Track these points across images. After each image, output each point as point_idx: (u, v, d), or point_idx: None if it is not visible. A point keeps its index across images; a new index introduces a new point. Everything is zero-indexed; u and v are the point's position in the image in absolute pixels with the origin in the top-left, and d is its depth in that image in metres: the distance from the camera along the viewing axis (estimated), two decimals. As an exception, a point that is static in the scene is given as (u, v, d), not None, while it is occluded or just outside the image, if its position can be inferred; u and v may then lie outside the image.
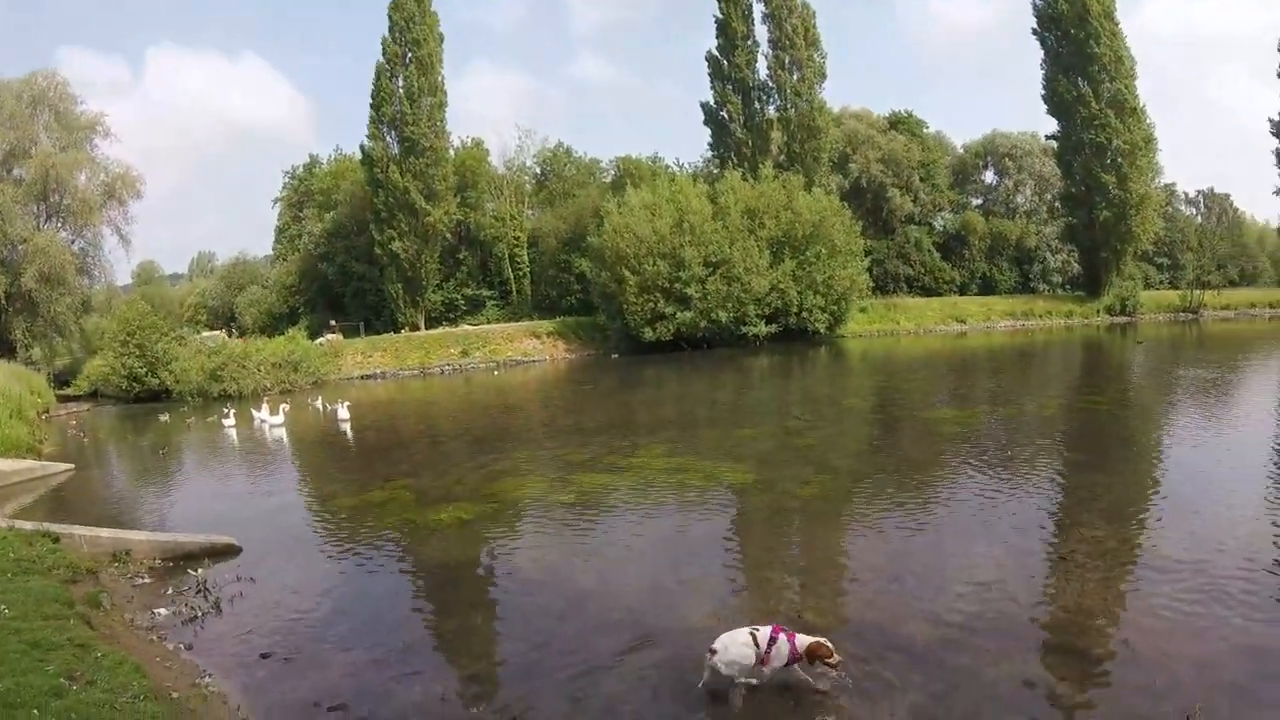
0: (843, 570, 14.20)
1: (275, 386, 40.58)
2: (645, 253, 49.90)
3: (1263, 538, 15.64)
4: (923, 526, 16.23)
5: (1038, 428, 27.04)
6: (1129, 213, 65.97)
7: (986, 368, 44.38)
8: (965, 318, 62.72)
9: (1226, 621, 12.05)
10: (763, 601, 12.39)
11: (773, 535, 16.06)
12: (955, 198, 77.12)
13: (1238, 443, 24.99)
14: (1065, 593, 13.38)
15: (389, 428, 28.02)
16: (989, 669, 10.33)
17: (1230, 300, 77.03)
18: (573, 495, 17.73)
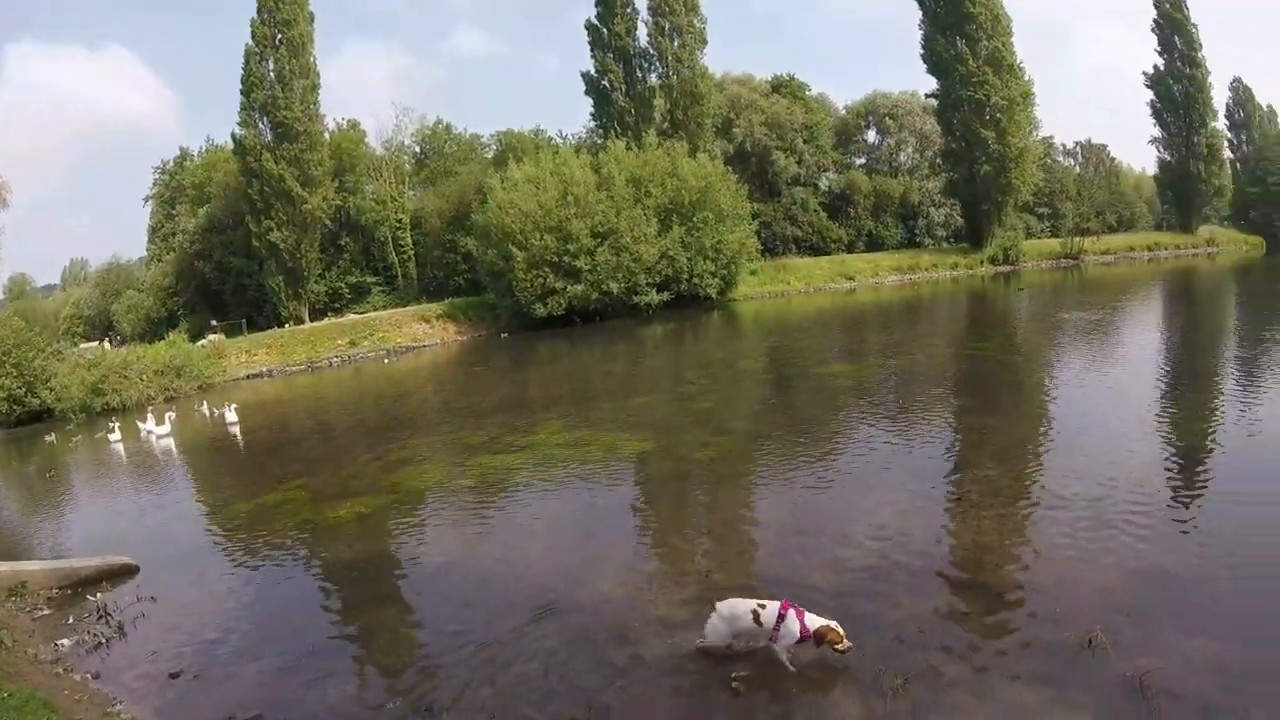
0: (746, 528, 14.61)
1: (160, 395, 39.01)
2: (531, 227, 49.48)
3: (1150, 467, 16.79)
4: (822, 479, 16.76)
5: (928, 377, 28.02)
6: (1009, 166, 68.61)
7: (876, 322, 45.60)
8: (854, 275, 63.91)
9: (1120, 548, 12.95)
10: (670, 566, 12.71)
11: (675, 500, 16.41)
12: (839, 158, 78.54)
13: (1121, 380, 26.45)
14: (963, 532, 14.12)
15: (279, 426, 27.65)
16: (893, 611, 10.84)
17: (1109, 245, 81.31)
18: (473, 479, 17.80)
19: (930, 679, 9.48)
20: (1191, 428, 20.46)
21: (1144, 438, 19.44)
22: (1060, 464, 17.61)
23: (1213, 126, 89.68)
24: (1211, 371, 28.29)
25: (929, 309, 51.75)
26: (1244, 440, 19.16)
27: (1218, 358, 31.62)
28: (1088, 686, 9.32)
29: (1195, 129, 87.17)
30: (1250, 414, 21.34)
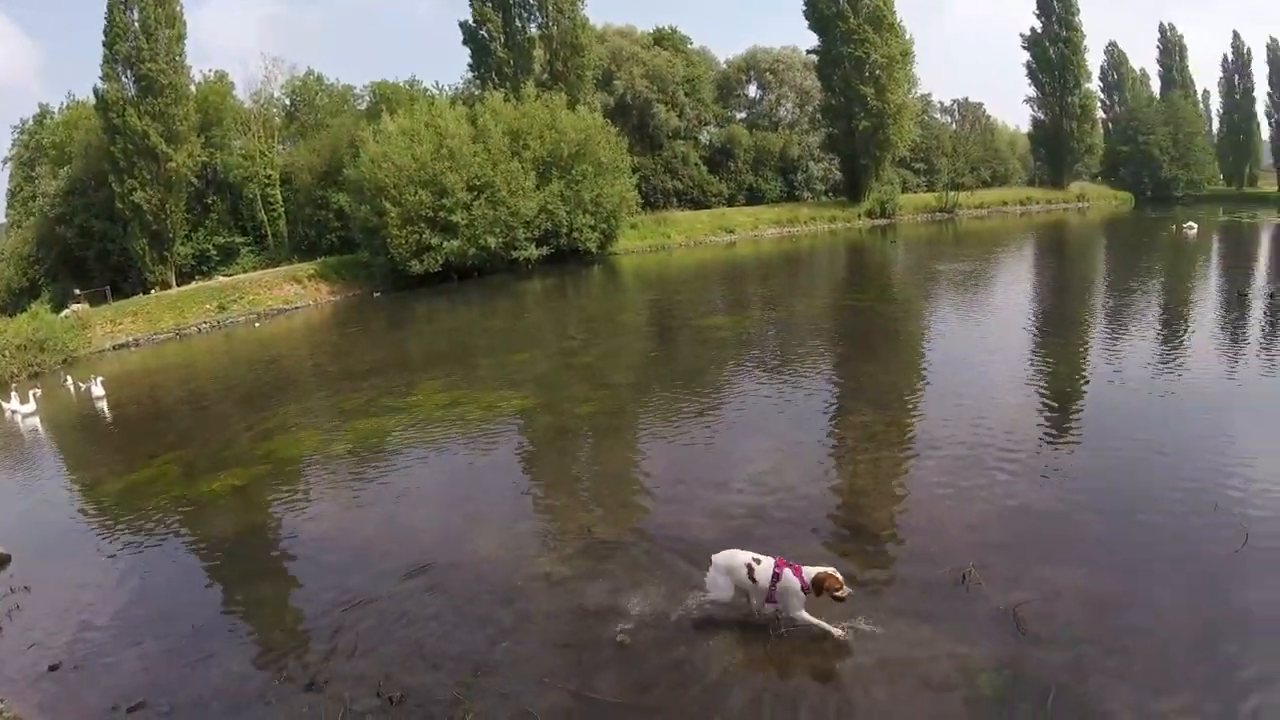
0: (628, 481, 15.06)
1: (23, 371, 36.70)
2: (406, 182, 48.44)
3: (1019, 411, 18.02)
4: (703, 430, 17.47)
5: (807, 327, 29.11)
6: (887, 122, 70.22)
7: (757, 274, 46.54)
8: (734, 228, 64.68)
9: (991, 488, 13.99)
10: (552, 522, 13.11)
11: (557, 457, 16.81)
12: (720, 112, 78.97)
13: (993, 329, 28.03)
14: (841, 477, 14.89)
15: (149, 399, 26.78)
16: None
17: (983, 199, 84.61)
18: (349, 444, 17.80)
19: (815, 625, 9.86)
20: (1060, 373, 21.83)
21: (1014, 384, 20.63)
22: (934, 409, 18.61)
23: (1086, 88, 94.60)
24: (1079, 320, 29.81)
25: (808, 261, 53.00)
26: (1107, 385, 20.61)
27: (1085, 307, 33.27)
28: (963, 620, 9.98)
29: (1069, 90, 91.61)
30: (1115, 360, 22.88)
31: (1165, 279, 41.37)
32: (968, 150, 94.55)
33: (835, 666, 9.28)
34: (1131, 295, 35.27)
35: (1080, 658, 9.47)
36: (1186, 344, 25.70)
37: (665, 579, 10.99)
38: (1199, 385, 20.74)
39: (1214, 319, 29.65)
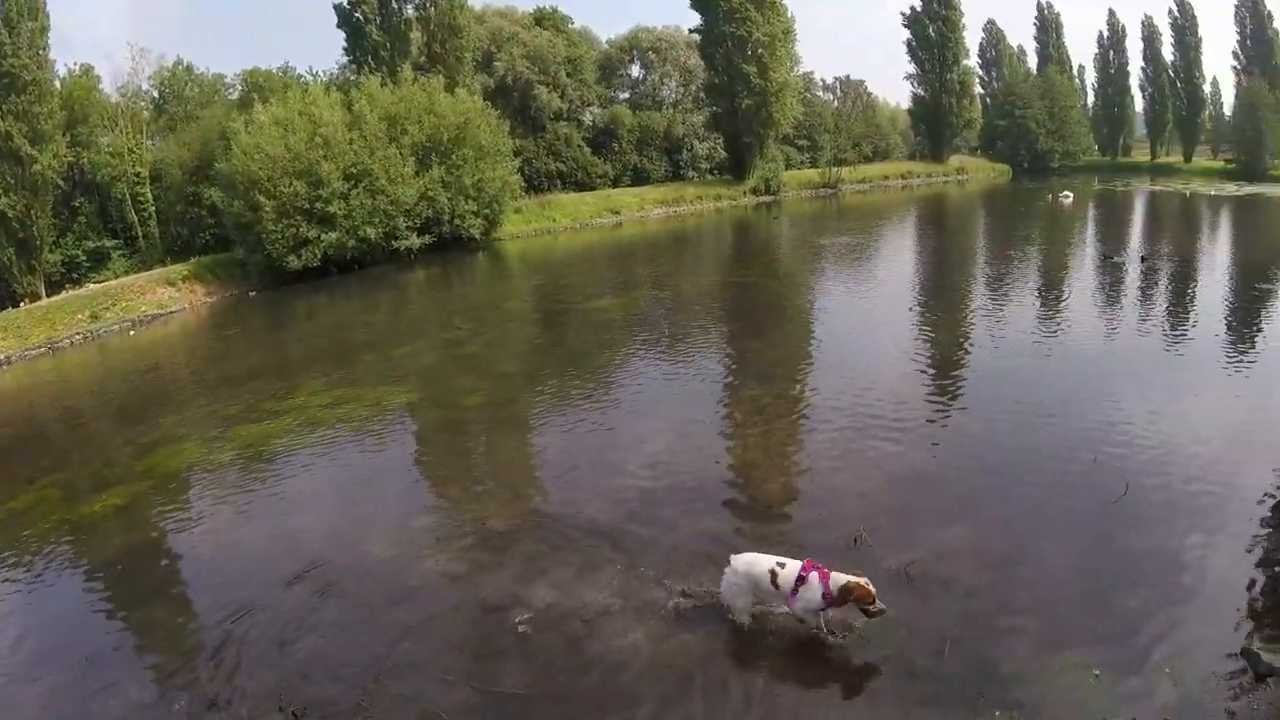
0: (521, 470, 15.48)
1: None
2: (280, 173, 46.61)
3: (906, 381, 19.09)
4: (595, 414, 17.95)
5: (695, 306, 29.76)
6: (770, 100, 71.06)
7: (644, 255, 47.17)
8: (620, 209, 64.55)
9: (880, 455, 14.80)
10: (445, 517, 13.28)
11: (447, 451, 17.12)
12: (603, 93, 79.00)
13: (878, 300, 29.19)
14: (733, 453, 15.55)
15: (23, 420, 25.68)
16: (670, 534, 12.00)
17: (865, 174, 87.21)
18: (234, 452, 17.65)
19: (711, 595, 10.36)
20: (944, 342, 22.95)
21: (900, 354, 21.53)
22: (822, 382, 19.40)
23: (965, 65, 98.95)
24: (961, 289, 31.35)
25: (695, 240, 54.00)
26: (990, 351, 21.95)
27: (966, 276, 34.95)
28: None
29: (949, 66, 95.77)
30: (996, 327, 24.33)
31: (1042, 246, 43.74)
32: (850, 126, 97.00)
33: (734, 640, 9.62)
34: (1010, 263, 37.07)
35: (972, 611, 10.12)
36: (1064, 308, 27.31)
37: (561, 566, 11.26)
38: (1077, 347, 22.21)
39: (1089, 283, 31.47)
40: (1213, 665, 9.37)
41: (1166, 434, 16.01)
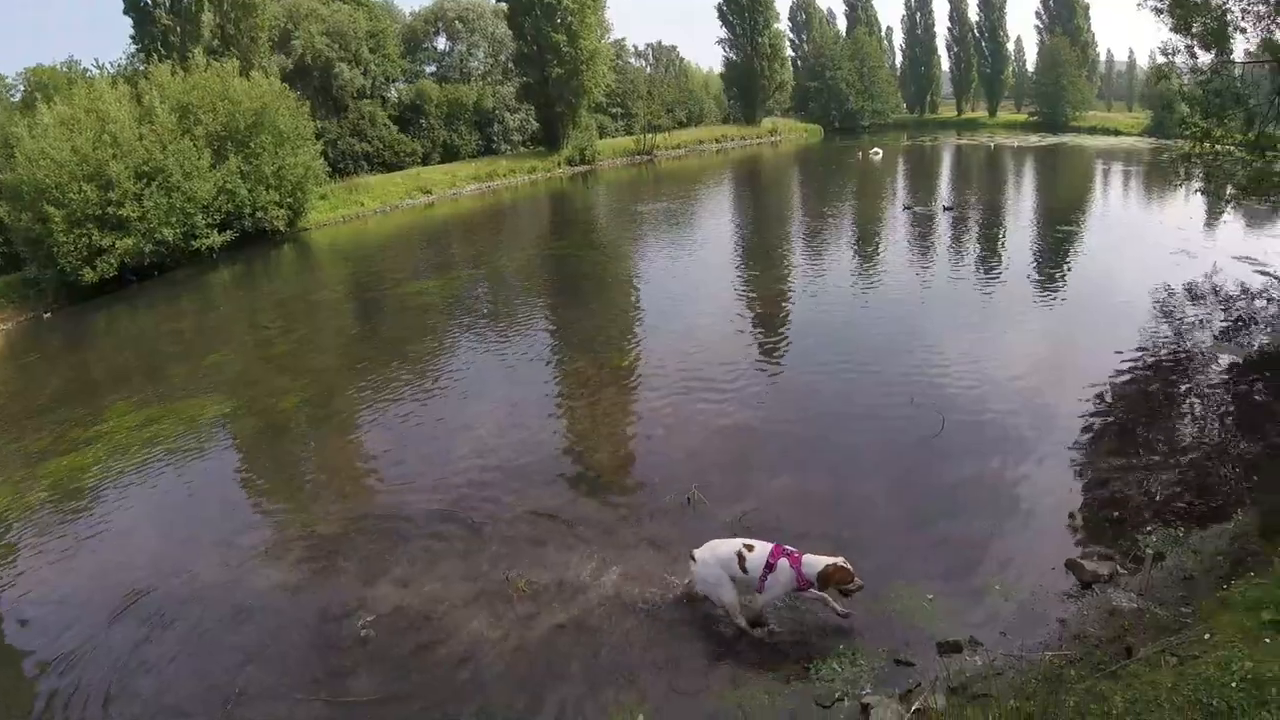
0: (346, 470, 15.42)
1: None
2: (68, 179, 42.66)
3: (729, 341, 20.22)
4: (418, 402, 18.16)
5: (515, 281, 30.34)
6: (581, 68, 71.67)
7: (459, 233, 46.81)
8: (431, 188, 62.92)
9: (707, 415, 15.76)
10: (273, 530, 13.06)
11: (269, 458, 16.70)
12: (408, 67, 77.58)
13: (698, 263, 30.20)
14: (562, 426, 16.16)
15: None
16: (505, 516, 12.40)
17: (680, 139, 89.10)
18: (45, 489, 16.60)
19: (551, 569, 10.84)
20: (765, 300, 24.02)
21: (722, 315, 22.45)
22: (647, 348, 20.18)
23: (775, 28, 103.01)
24: (778, 247, 32.97)
25: (511, 215, 54.02)
26: (810, 305, 23.19)
27: (783, 234, 36.70)
28: (693, 538, 10.71)
29: (759, 30, 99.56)
30: (815, 281, 25.72)
31: (854, 202, 46.32)
32: (663, 93, 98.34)
33: (579, 614, 9.98)
34: (824, 219, 39.46)
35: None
36: (879, 260, 29.13)
37: (397, 563, 11.40)
38: (893, 296, 23.78)
39: (901, 235, 33.69)
40: (1041, 579, 10.30)
41: (980, 371, 17.49)
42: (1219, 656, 7.28)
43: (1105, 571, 10.53)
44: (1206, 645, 7.67)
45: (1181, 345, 19.85)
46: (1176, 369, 18.42)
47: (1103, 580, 10.38)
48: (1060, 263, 29.16)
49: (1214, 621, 8.18)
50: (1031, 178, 64.55)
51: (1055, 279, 26.57)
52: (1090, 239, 34.58)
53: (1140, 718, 6.68)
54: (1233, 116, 24.65)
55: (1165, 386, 17.48)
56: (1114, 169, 66.36)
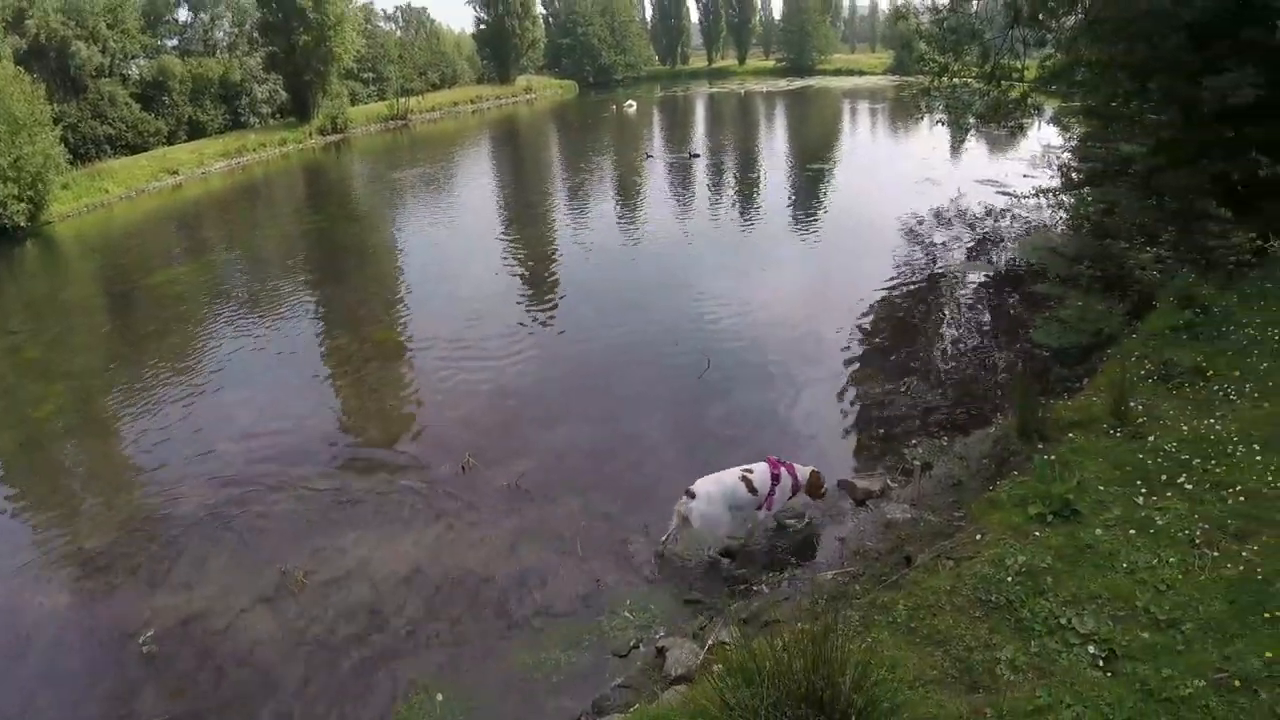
0: (110, 478, 14.77)
1: None
2: None
3: (500, 302, 20.79)
4: (179, 397, 17.39)
5: (272, 260, 29.96)
6: (328, 34, 70.85)
7: (211, 214, 45.13)
8: (179, 168, 59.85)
9: (479, 380, 16.23)
10: (38, 551, 12.21)
11: (24, 475, 15.52)
12: (149, 42, 73.47)
13: (462, 228, 31.02)
14: (331, 406, 16.16)
15: None
16: (277, 507, 12.29)
17: (435, 102, 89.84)
18: None
19: (330, 555, 10.81)
20: (533, 257, 25.13)
21: (491, 277, 23.20)
22: (411, 317, 20.76)
23: None
24: (542, 204, 34.24)
25: (264, 190, 52.85)
26: (578, 258, 24.51)
27: (545, 191, 38.17)
28: (473, 506, 11.56)
29: None
30: (580, 234, 27.21)
31: (612, 154, 47.91)
32: (415, 56, 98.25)
33: (363, 599, 10.09)
34: (584, 174, 40.96)
35: (592, 504, 11.44)
36: (639, 210, 30.89)
37: (171, 570, 11.06)
38: (656, 246, 25.35)
39: (660, 184, 35.48)
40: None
41: (744, 309, 19.02)
42: (993, 554, 7.85)
43: (877, 487, 11.23)
44: (980, 545, 8.19)
45: (934, 267, 21.90)
46: (931, 290, 20.30)
47: (875, 496, 11.04)
48: (814, 200, 31.58)
49: (985, 522, 8.68)
50: (782, 120, 69.01)
51: (810, 215, 28.77)
52: (841, 175, 37.42)
53: (924, 622, 7.08)
54: (968, 51, 27.01)
55: (922, 307, 19.23)
56: (860, 107, 71.97)
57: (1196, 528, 7.71)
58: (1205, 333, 12.72)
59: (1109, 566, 7.42)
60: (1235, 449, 8.98)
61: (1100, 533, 7.91)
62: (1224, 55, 14.62)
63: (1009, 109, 27.14)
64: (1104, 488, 8.80)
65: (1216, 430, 9.53)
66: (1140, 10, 15.50)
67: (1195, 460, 8.94)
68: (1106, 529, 7.98)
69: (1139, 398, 10.91)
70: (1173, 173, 16.36)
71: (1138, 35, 16.04)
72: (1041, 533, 8.12)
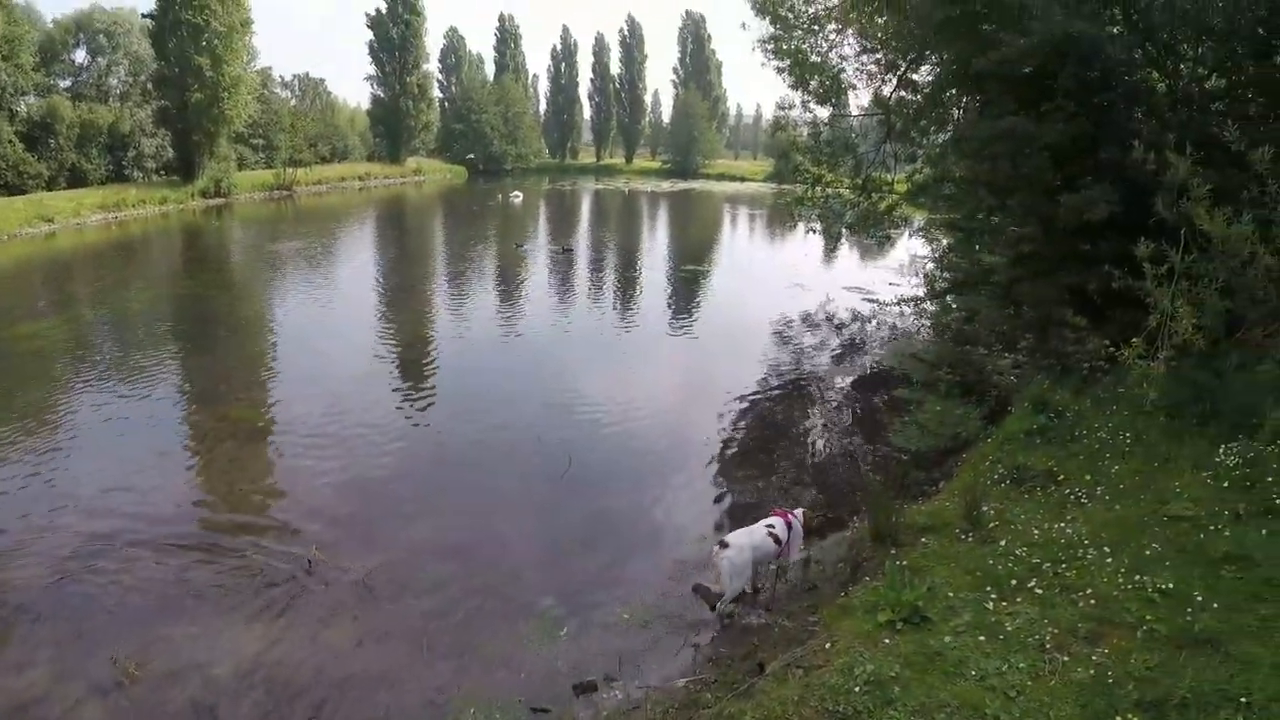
0: None
1: None
2: None
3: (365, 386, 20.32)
4: (24, 461, 16.20)
5: (140, 323, 28.26)
6: (222, 95, 69.33)
7: (84, 268, 42.99)
8: (54, 216, 56.76)
9: (335, 465, 15.59)
10: None
11: None
12: (42, 80, 70.88)
13: (338, 305, 30.22)
14: (182, 485, 15.18)
15: None
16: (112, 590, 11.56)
17: (323, 176, 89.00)
18: None
19: (166, 646, 10.22)
20: (405, 342, 24.52)
21: (358, 358, 22.53)
22: (275, 396, 19.83)
23: (425, 68, 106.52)
24: (421, 287, 33.75)
25: (140, 249, 50.82)
26: (450, 348, 24.01)
27: (425, 274, 37.73)
28: (319, 602, 11.02)
29: (409, 69, 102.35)
30: (455, 324, 26.68)
31: (496, 243, 47.68)
32: (307, 126, 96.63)
33: (195, 694, 9.49)
34: (465, 260, 41.14)
35: (440, 606, 11.03)
36: (517, 300, 30.70)
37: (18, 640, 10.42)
38: (528, 336, 25.17)
39: (540, 275, 35.73)
40: (674, 607, 10.91)
41: (614, 405, 18.81)
42: (842, 663, 7.72)
43: None
44: (830, 654, 8.07)
45: (801, 370, 22.30)
46: (798, 393, 20.60)
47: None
48: (689, 300, 32.10)
49: (837, 628, 8.57)
50: (664, 221, 70.47)
51: (685, 316, 29.25)
52: (717, 277, 38.33)
53: (772, 733, 6.78)
54: (843, 162, 28.24)
55: (788, 408, 19.51)
56: (740, 212, 74.34)
57: (1047, 632, 7.72)
58: (1058, 437, 12.95)
59: (958, 674, 7.37)
60: (1086, 552, 9.10)
61: (950, 639, 7.85)
62: (1082, 174, 15.49)
63: (878, 219, 28.55)
64: (954, 593, 8.80)
65: (1067, 534, 9.65)
66: (1003, 131, 16.29)
67: (1046, 564, 9.03)
68: (956, 635, 7.93)
69: (991, 502, 11.07)
70: (1032, 283, 16.94)
71: (1000, 154, 16.71)
72: (891, 640, 8.02)
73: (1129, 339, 12.99)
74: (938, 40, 20.83)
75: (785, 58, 28.94)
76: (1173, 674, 6.81)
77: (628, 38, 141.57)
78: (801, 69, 28.75)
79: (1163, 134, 14.55)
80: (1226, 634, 7.29)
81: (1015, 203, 18.03)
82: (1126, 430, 12.47)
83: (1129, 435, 12.31)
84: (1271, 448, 10.63)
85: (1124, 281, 13.02)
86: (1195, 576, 8.36)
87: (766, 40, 29.52)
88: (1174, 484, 10.56)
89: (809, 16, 29.15)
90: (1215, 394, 12.14)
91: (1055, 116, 15.69)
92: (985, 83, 17.75)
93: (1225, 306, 12.00)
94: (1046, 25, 15.57)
